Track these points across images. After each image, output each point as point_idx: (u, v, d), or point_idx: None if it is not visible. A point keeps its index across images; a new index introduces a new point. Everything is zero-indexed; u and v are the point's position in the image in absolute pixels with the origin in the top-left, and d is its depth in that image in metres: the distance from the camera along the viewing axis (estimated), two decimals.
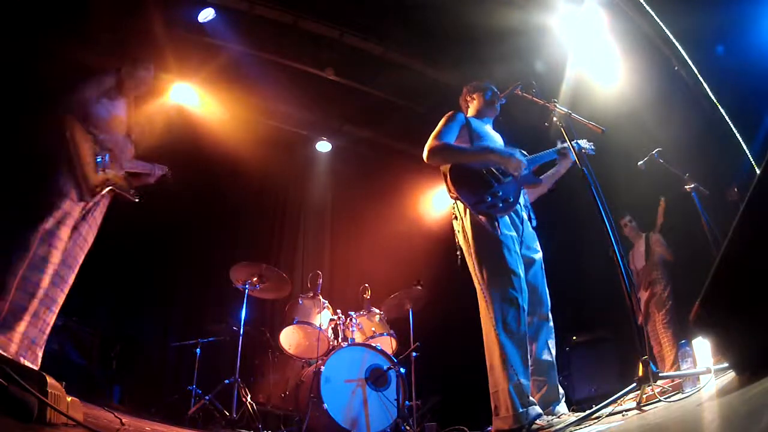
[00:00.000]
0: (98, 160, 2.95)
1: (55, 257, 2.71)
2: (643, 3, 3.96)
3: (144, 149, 3.45)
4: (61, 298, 2.80)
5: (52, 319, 2.76)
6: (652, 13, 3.96)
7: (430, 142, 2.74)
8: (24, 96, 3.97)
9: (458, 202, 2.67)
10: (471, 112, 3.07)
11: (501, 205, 2.59)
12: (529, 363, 2.43)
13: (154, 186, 3.44)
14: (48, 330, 2.73)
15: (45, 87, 3.46)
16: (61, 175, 2.81)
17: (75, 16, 4.43)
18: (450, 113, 2.89)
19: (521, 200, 2.77)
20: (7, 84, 3.94)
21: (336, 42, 5.29)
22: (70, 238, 2.84)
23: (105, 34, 4.63)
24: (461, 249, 2.67)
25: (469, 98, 3.10)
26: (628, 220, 4.90)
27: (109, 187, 3.03)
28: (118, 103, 3.14)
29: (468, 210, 2.62)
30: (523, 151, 2.81)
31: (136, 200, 3.24)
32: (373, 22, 5.15)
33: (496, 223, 2.54)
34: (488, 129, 2.98)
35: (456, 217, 2.70)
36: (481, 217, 2.56)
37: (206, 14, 4.94)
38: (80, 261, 2.94)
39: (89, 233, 3.00)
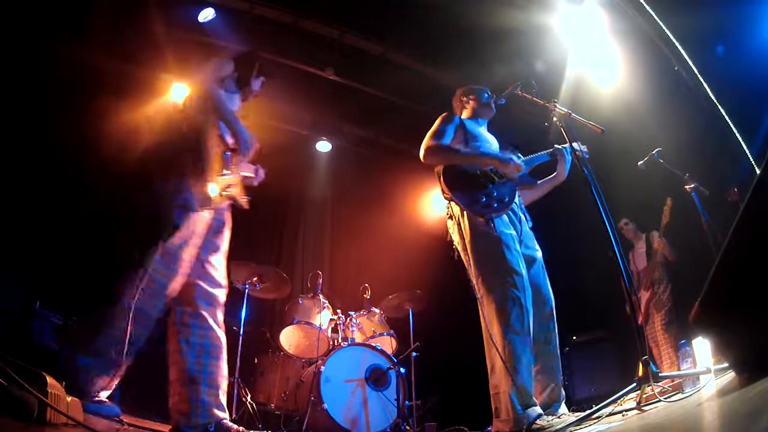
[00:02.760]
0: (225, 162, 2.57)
1: (177, 282, 2.47)
2: (643, 3, 3.96)
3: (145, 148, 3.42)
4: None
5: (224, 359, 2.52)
6: (652, 13, 3.96)
7: (426, 141, 2.75)
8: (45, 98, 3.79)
9: (452, 202, 2.67)
10: (466, 114, 3.08)
11: (496, 205, 2.59)
12: (533, 364, 2.42)
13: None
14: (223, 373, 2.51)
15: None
16: (186, 187, 2.48)
17: (75, 16, 4.44)
18: (445, 114, 2.90)
19: (517, 200, 2.77)
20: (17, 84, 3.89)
21: (336, 42, 5.29)
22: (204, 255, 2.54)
23: (105, 34, 4.64)
24: (457, 249, 2.67)
25: (464, 99, 3.11)
26: (625, 222, 4.89)
27: (230, 193, 2.70)
28: (234, 97, 2.81)
29: (465, 211, 2.62)
30: (519, 154, 2.82)
31: (246, 207, 2.88)
32: (373, 22, 5.15)
33: (492, 223, 2.53)
34: (483, 131, 2.98)
35: (451, 217, 2.70)
36: (477, 217, 2.56)
37: (206, 14, 4.94)
38: (217, 281, 2.67)
39: (220, 243, 2.76)
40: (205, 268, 2.61)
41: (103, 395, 2.33)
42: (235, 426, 2.46)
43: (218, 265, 2.70)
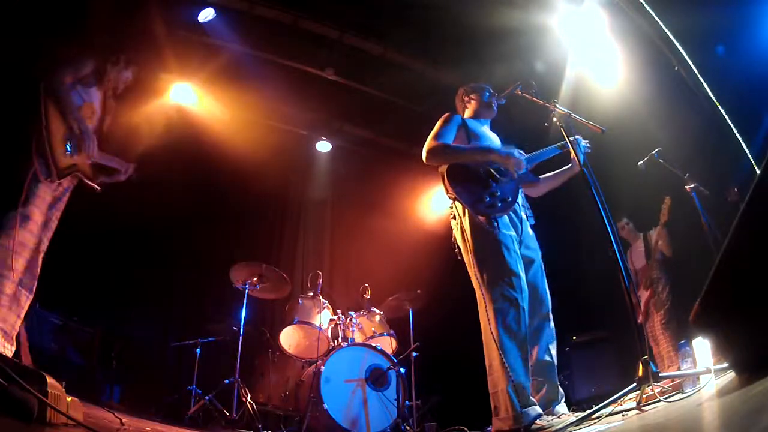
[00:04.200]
0: (68, 145, 2.93)
1: (30, 242, 2.73)
2: (643, 3, 3.96)
3: (144, 149, 3.45)
4: (35, 285, 2.82)
5: (27, 304, 2.78)
6: (652, 13, 3.96)
7: (428, 142, 2.75)
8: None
9: (456, 202, 2.67)
10: (468, 113, 3.08)
11: (500, 204, 2.59)
12: (530, 363, 2.43)
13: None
14: (23, 315, 2.75)
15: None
16: (34, 157, 2.79)
17: (74, 16, 4.43)
18: (447, 114, 2.90)
19: (519, 199, 2.77)
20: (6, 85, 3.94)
21: (336, 42, 5.29)
22: (42, 224, 2.84)
23: (104, 34, 4.63)
24: (459, 247, 2.68)
25: (465, 98, 3.11)
26: (626, 222, 4.89)
27: (76, 173, 2.98)
28: (92, 91, 3.13)
29: (467, 210, 2.62)
30: (521, 151, 2.81)
31: (99, 190, 3.18)
32: (373, 22, 5.15)
33: (495, 223, 2.54)
34: (485, 130, 2.98)
35: (454, 217, 2.70)
36: (480, 217, 2.56)
37: (206, 14, 4.94)
38: (44, 249, 2.92)
39: (53, 222, 2.97)
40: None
41: None
42: None
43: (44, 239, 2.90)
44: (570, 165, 2.99)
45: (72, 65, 3.04)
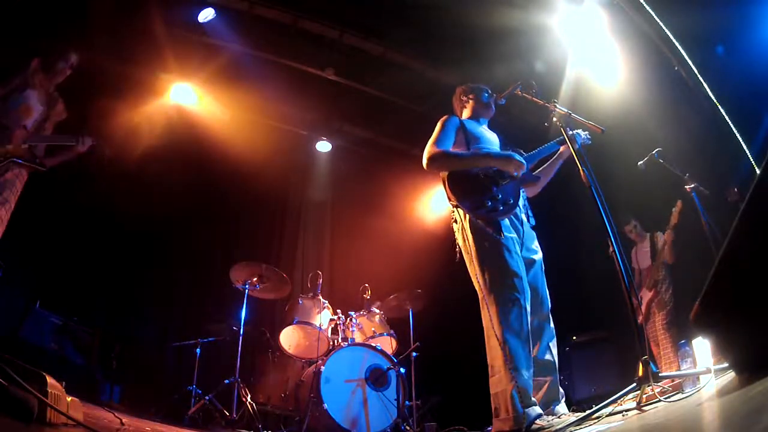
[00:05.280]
0: None
1: None
2: (643, 3, 3.96)
3: (145, 149, 3.48)
4: None
5: None
6: (652, 13, 3.96)
7: (428, 149, 2.74)
8: None
9: (458, 208, 2.67)
10: (466, 114, 3.08)
11: (501, 208, 2.59)
12: (531, 363, 2.43)
13: (89, 159, 3.59)
14: None
15: None
16: None
17: (74, 16, 4.44)
18: (444, 118, 2.89)
19: (520, 201, 2.77)
20: None
21: (336, 42, 5.29)
22: None
23: (105, 34, 4.64)
24: (460, 250, 2.68)
25: (463, 98, 3.10)
26: (634, 225, 4.88)
27: (9, 159, 3.20)
28: (27, 93, 3.40)
29: (468, 214, 2.62)
30: (521, 151, 2.81)
31: (44, 169, 3.36)
32: (373, 22, 5.15)
33: (498, 227, 2.54)
34: (484, 130, 2.98)
35: (456, 221, 2.71)
36: (481, 221, 2.57)
37: (206, 14, 4.94)
38: None
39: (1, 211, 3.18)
40: None
41: None
42: None
43: None
44: (559, 150, 2.98)
45: (2, 83, 3.35)
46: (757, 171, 2.40)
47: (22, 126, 3.29)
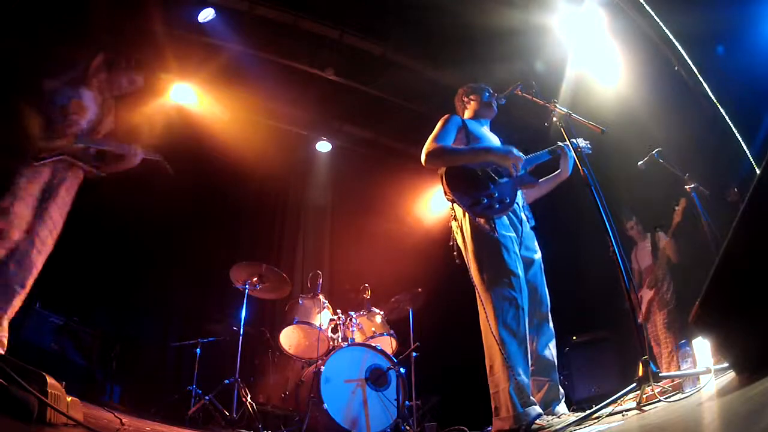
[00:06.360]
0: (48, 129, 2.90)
1: (15, 234, 2.68)
2: (643, 3, 3.96)
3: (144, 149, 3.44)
4: (29, 282, 2.74)
5: (18, 302, 2.71)
6: (652, 13, 3.96)
7: (427, 145, 2.75)
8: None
9: (455, 204, 2.68)
10: (468, 114, 3.08)
11: (497, 206, 2.59)
12: (530, 363, 2.43)
13: (149, 174, 3.41)
14: (11, 313, 2.69)
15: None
16: (7, 150, 2.78)
17: (74, 16, 4.43)
18: (446, 116, 2.90)
19: (519, 201, 2.78)
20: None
21: (336, 42, 5.29)
22: (36, 217, 2.80)
23: (104, 35, 4.63)
24: (459, 249, 2.68)
25: (465, 99, 3.11)
26: (635, 222, 4.88)
27: (60, 156, 2.92)
28: (82, 91, 3.12)
29: (466, 212, 2.62)
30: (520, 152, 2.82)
31: (102, 175, 3.13)
32: (373, 22, 5.15)
33: (494, 224, 2.54)
34: (485, 130, 2.98)
35: (454, 218, 2.71)
36: (478, 218, 2.57)
37: (206, 14, 4.94)
38: (50, 244, 2.87)
39: (56, 212, 2.91)
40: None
41: None
42: None
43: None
44: (559, 171, 3.02)
45: (61, 73, 3.07)
46: (757, 171, 2.39)
47: (74, 123, 3.00)
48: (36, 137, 2.86)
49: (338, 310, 4.47)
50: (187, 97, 5.42)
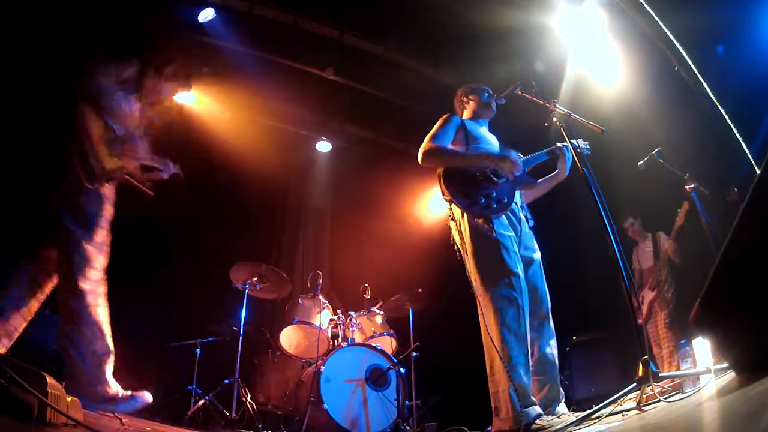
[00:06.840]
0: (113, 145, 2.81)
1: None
2: (643, 3, 3.96)
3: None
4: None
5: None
6: (652, 13, 3.96)
7: (424, 144, 2.75)
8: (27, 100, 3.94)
9: (453, 204, 2.68)
10: (467, 114, 3.08)
11: (495, 206, 2.59)
12: (530, 363, 2.43)
13: (165, 183, 3.35)
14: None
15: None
16: (73, 165, 2.70)
17: (74, 16, 4.43)
18: (446, 116, 2.90)
19: (518, 201, 2.78)
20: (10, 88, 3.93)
21: (336, 42, 5.29)
22: None
23: (104, 35, 4.63)
24: (459, 249, 2.68)
25: (464, 99, 3.11)
26: (632, 222, 4.87)
27: (124, 176, 2.89)
28: (131, 97, 3.05)
29: (464, 212, 2.62)
30: (519, 154, 2.82)
31: (152, 194, 3.10)
32: (373, 22, 5.15)
33: (492, 224, 2.54)
34: (484, 131, 2.98)
35: (453, 219, 2.71)
36: (477, 218, 2.57)
37: (206, 14, 4.94)
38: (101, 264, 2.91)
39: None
40: None
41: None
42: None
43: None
44: (557, 172, 3.02)
45: (113, 68, 2.95)
46: (757, 171, 2.40)
47: (132, 135, 2.92)
48: (104, 155, 2.78)
49: (338, 310, 4.47)
50: (187, 97, 5.43)
